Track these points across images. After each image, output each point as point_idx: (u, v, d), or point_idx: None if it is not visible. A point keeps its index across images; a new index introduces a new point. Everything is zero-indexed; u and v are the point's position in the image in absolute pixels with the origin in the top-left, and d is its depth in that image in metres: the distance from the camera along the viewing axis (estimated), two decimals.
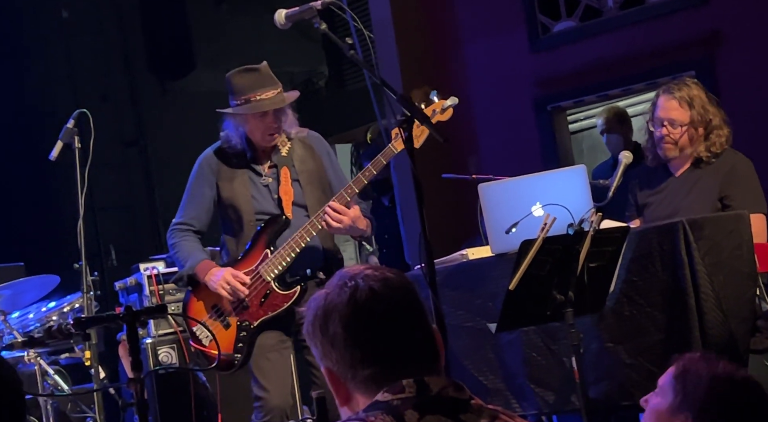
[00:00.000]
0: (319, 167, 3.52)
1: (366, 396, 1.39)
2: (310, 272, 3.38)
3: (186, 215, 3.51)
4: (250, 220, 3.43)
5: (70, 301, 4.13)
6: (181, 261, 3.47)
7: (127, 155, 6.83)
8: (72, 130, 3.81)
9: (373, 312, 1.40)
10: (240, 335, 3.35)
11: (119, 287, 4.52)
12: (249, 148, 3.47)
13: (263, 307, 3.37)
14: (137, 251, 6.30)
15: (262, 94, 3.38)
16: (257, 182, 3.47)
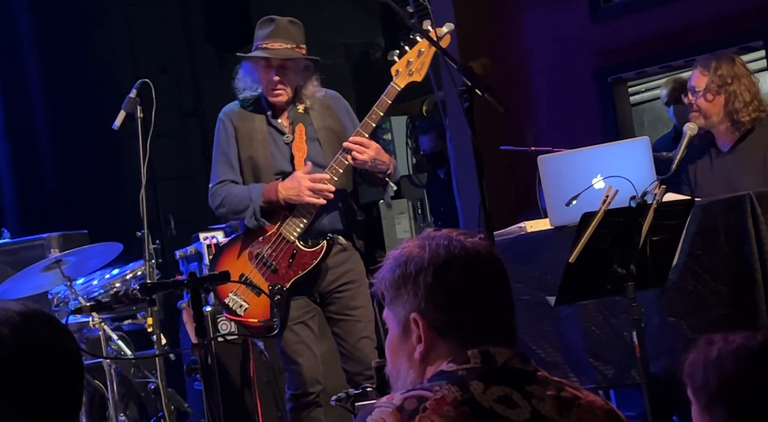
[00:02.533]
0: (338, 125, 3.49)
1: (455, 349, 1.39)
2: (331, 236, 3.37)
3: (221, 174, 3.46)
4: (268, 179, 3.40)
5: (133, 269, 4.22)
6: (241, 204, 3.37)
7: (185, 126, 6.91)
8: (134, 100, 3.86)
9: (488, 270, 1.42)
10: (275, 299, 3.33)
11: (179, 255, 4.59)
12: (266, 102, 3.45)
13: (292, 268, 3.35)
14: (195, 221, 6.40)
15: (269, 44, 3.37)
16: (278, 140, 3.44)
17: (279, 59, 3.36)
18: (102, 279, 4.22)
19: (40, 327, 1.32)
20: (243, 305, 3.35)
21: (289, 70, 3.39)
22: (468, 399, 1.35)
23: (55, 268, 3.83)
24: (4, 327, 1.31)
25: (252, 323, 3.33)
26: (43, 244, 4.64)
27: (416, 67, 3.31)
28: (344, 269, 3.41)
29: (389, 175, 3.39)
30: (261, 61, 3.39)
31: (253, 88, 3.46)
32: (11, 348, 1.30)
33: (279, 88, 3.39)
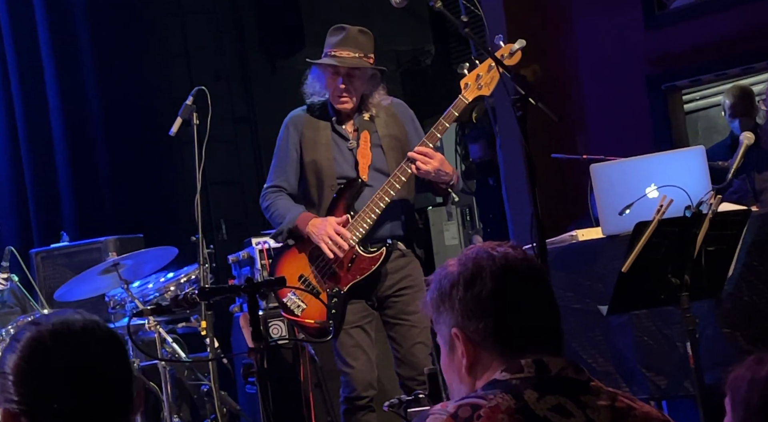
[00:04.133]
0: (402, 133, 3.54)
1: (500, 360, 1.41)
2: (391, 242, 3.41)
3: (276, 178, 3.56)
4: (331, 184, 3.46)
5: (187, 272, 4.29)
6: (278, 219, 3.49)
7: (237, 132, 7.00)
8: (191, 107, 3.94)
9: (524, 277, 1.44)
10: (331, 302, 3.38)
11: (232, 260, 4.66)
12: (332, 109, 3.51)
13: (351, 272, 3.39)
14: (246, 226, 6.48)
15: (338, 52, 3.42)
16: (341, 146, 3.50)
17: (346, 67, 3.41)
18: (157, 283, 4.30)
19: (65, 346, 1.35)
20: (300, 306, 3.41)
21: (355, 79, 3.45)
22: (522, 408, 1.36)
23: (113, 271, 3.92)
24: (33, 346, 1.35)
25: (308, 324, 3.38)
26: (100, 247, 4.75)
27: (485, 81, 3.33)
28: (402, 275, 3.45)
29: (452, 185, 3.43)
30: (329, 69, 3.45)
31: (321, 94, 3.52)
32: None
33: (345, 95, 3.45)
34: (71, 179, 5.74)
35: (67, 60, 5.84)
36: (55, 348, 1.34)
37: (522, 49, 3.31)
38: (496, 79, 3.32)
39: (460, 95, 3.38)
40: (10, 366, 1.34)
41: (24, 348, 1.33)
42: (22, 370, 1.33)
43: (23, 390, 1.33)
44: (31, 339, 1.35)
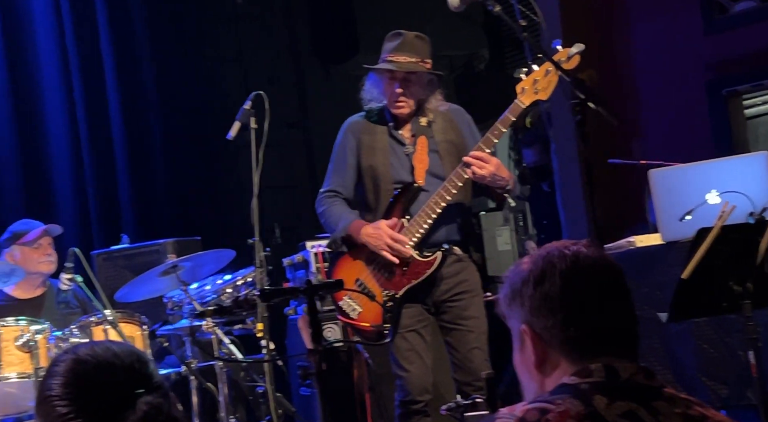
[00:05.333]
0: (459, 138, 3.54)
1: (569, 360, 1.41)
2: (447, 246, 3.41)
3: (332, 183, 3.59)
4: (387, 189, 3.48)
5: (243, 275, 4.34)
6: (332, 225, 3.52)
7: (290, 136, 7.06)
8: (249, 111, 3.99)
9: (595, 277, 1.43)
10: (387, 305, 3.40)
11: (287, 263, 4.70)
12: (389, 114, 3.53)
13: (406, 276, 3.40)
14: (298, 230, 6.53)
15: (395, 57, 3.44)
16: (398, 151, 3.52)
17: (403, 72, 3.43)
18: (214, 285, 4.35)
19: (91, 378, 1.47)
20: (356, 309, 3.43)
21: (412, 84, 3.46)
22: (591, 413, 1.35)
23: (172, 273, 3.98)
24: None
25: (364, 327, 3.40)
26: (158, 249, 4.82)
27: (543, 86, 3.31)
28: (459, 280, 3.45)
29: (508, 190, 3.42)
30: (386, 74, 3.48)
31: (379, 100, 3.55)
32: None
33: (401, 100, 3.47)
34: (130, 183, 5.85)
35: (127, 66, 5.96)
36: (92, 367, 1.47)
37: (580, 52, 3.29)
38: (554, 83, 3.30)
39: (516, 100, 3.36)
40: (54, 388, 1.45)
41: (65, 369, 1.45)
42: (66, 387, 1.44)
43: (69, 401, 1.44)
44: (69, 360, 1.47)
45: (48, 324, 3.59)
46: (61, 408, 1.44)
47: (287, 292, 2.31)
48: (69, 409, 1.43)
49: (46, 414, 1.46)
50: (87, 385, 1.45)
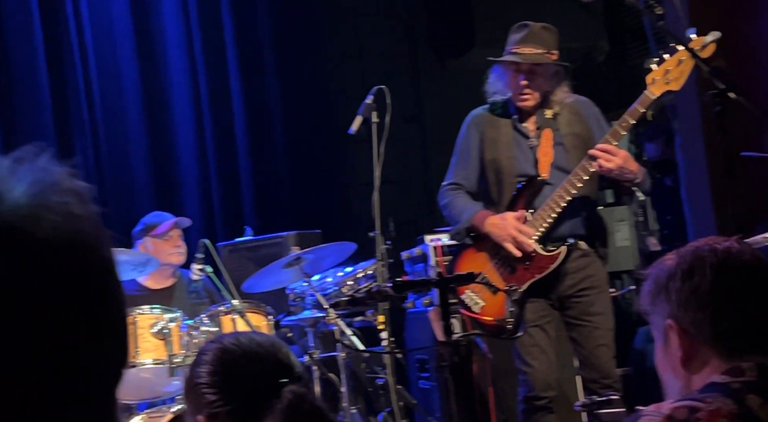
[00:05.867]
0: (586, 131, 3.47)
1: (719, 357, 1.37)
2: (572, 240, 3.35)
3: (456, 175, 3.59)
4: (510, 182, 3.45)
5: (364, 267, 4.40)
6: (455, 217, 3.52)
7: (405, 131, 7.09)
8: (371, 105, 4.04)
9: (748, 272, 1.40)
10: (510, 299, 3.37)
11: (405, 257, 4.73)
12: (513, 107, 3.48)
13: (529, 270, 3.36)
14: (413, 224, 6.56)
15: (520, 49, 3.40)
16: (522, 144, 3.48)
17: (528, 64, 3.41)
18: (335, 277, 4.43)
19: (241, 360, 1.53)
20: (479, 303, 3.42)
21: (537, 75, 3.43)
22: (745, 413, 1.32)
23: (295, 265, 4.07)
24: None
25: (486, 321, 3.39)
26: (281, 242, 4.93)
27: (674, 76, 3.23)
28: (584, 275, 3.40)
29: (637, 184, 3.34)
30: (511, 66, 3.46)
31: (503, 93, 3.53)
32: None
33: (526, 92, 3.44)
34: (252, 178, 6.01)
35: (249, 62, 6.11)
36: (238, 356, 1.56)
37: (715, 41, 3.18)
38: (686, 73, 3.20)
39: (646, 91, 3.28)
40: (202, 376, 1.52)
41: (212, 358, 1.52)
42: (213, 376, 1.51)
43: (217, 389, 1.51)
44: (215, 349, 1.54)
45: (180, 313, 3.73)
46: (210, 396, 1.50)
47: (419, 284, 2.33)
48: (217, 397, 1.50)
49: (195, 402, 1.53)
50: (234, 374, 1.51)
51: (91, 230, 0.66)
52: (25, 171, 0.65)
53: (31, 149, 0.68)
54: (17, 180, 0.64)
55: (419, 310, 4.47)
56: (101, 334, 0.65)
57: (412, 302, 4.55)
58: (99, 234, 0.67)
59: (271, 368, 1.50)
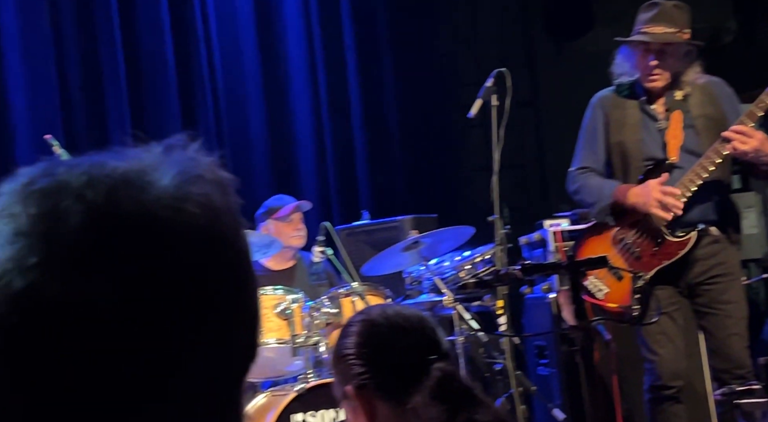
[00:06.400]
0: (719, 113, 3.34)
1: None
2: (703, 226, 3.22)
3: (583, 159, 3.51)
4: (637, 166, 3.35)
5: (482, 252, 4.38)
6: (592, 198, 3.42)
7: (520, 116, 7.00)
8: (491, 88, 4.00)
9: None
10: (635, 286, 3.28)
11: (523, 242, 4.68)
12: (641, 88, 3.39)
13: (656, 256, 3.26)
14: (527, 209, 6.48)
15: (650, 29, 3.28)
16: (650, 126, 3.38)
17: (658, 44, 3.31)
18: (453, 261, 4.42)
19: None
20: (602, 290, 3.34)
21: (668, 55, 3.32)
22: None
23: (413, 249, 4.08)
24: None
25: (611, 308, 3.31)
26: (397, 226, 4.96)
27: None
28: (715, 262, 3.28)
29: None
30: (639, 46, 3.36)
31: (630, 74, 3.44)
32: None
33: (656, 73, 3.34)
34: (368, 162, 6.07)
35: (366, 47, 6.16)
36: (382, 325, 1.56)
37: None
38: None
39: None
40: (349, 347, 1.53)
41: (359, 330, 1.53)
42: (361, 347, 1.52)
43: (364, 362, 1.51)
44: (362, 321, 1.54)
45: (302, 294, 3.80)
46: (357, 368, 1.51)
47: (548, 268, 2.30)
48: (364, 369, 1.50)
49: (342, 372, 1.55)
50: (380, 346, 1.51)
51: (230, 223, 0.66)
52: (173, 160, 0.65)
53: (182, 137, 0.69)
54: (166, 169, 0.64)
55: (538, 296, 4.42)
56: (233, 325, 0.64)
57: (531, 288, 4.50)
58: (237, 227, 0.66)
59: (418, 343, 1.50)
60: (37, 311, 0.58)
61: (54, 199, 0.61)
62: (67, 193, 0.61)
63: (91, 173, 0.63)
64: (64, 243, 0.59)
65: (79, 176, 0.63)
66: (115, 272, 0.59)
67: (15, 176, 0.64)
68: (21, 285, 0.58)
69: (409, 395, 1.46)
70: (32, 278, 0.58)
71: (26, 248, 0.59)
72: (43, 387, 0.58)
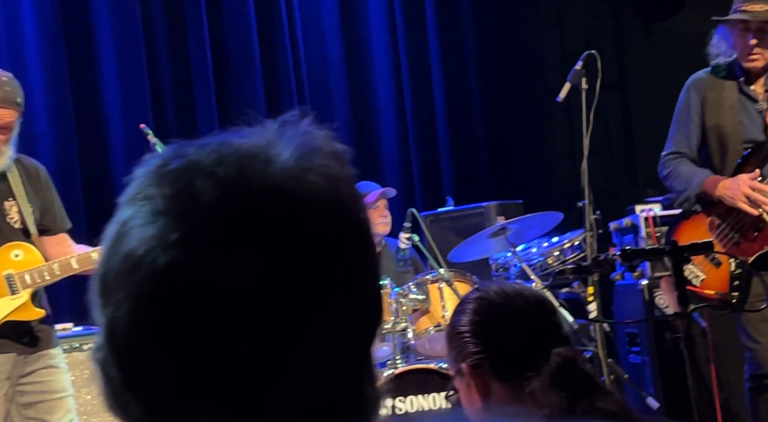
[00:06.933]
0: None
1: None
2: None
3: (676, 143, 3.42)
4: (735, 149, 3.26)
5: (570, 238, 4.30)
6: (681, 185, 3.36)
7: (607, 99, 6.85)
8: (580, 72, 3.92)
9: None
10: (734, 272, 3.18)
11: (613, 227, 4.58)
12: (740, 69, 3.27)
13: (757, 241, 3.17)
14: (613, 195, 6.35)
15: (749, 7, 3.17)
16: (749, 108, 3.27)
17: (758, 22, 3.19)
18: (540, 247, 4.36)
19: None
20: (699, 276, 3.25)
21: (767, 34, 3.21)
22: None
23: (500, 235, 4.04)
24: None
25: (708, 295, 3.22)
26: (482, 212, 4.92)
27: None
28: None
29: None
30: (738, 25, 3.25)
31: (728, 54, 3.33)
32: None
33: (755, 53, 3.23)
34: (451, 148, 6.03)
35: (449, 33, 6.11)
36: (499, 305, 1.50)
37: None
38: None
39: None
40: (465, 325, 1.48)
41: (475, 308, 1.48)
42: (476, 325, 1.47)
43: (480, 341, 1.46)
44: (478, 298, 1.49)
45: (389, 280, 3.80)
46: (472, 346, 1.47)
47: (650, 253, 2.24)
48: (479, 348, 1.46)
49: (457, 349, 1.51)
50: (497, 327, 1.46)
51: (349, 192, 0.68)
52: (290, 135, 0.68)
53: (295, 113, 0.71)
54: (285, 144, 0.66)
55: (629, 282, 4.32)
56: (360, 289, 0.66)
57: (621, 275, 4.40)
58: (356, 195, 0.69)
59: (536, 325, 1.44)
60: (184, 285, 0.61)
61: (187, 178, 0.64)
62: (200, 171, 0.64)
63: (220, 151, 0.66)
64: (201, 219, 0.62)
65: (209, 155, 0.65)
66: (253, 245, 0.62)
67: (146, 161, 0.67)
68: (165, 261, 0.61)
69: (526, 378, 1.42)
70: (175, 254, 0.61)
71: (167, 226, 0.62)
72: (193, 355, 0.61)
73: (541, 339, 1.43)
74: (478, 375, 1.47)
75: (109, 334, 0.63)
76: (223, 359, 0.61)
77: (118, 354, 0.63)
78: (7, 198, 2.99)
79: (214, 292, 0.60)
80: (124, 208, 0.65)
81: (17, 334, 2.94)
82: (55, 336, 3.12)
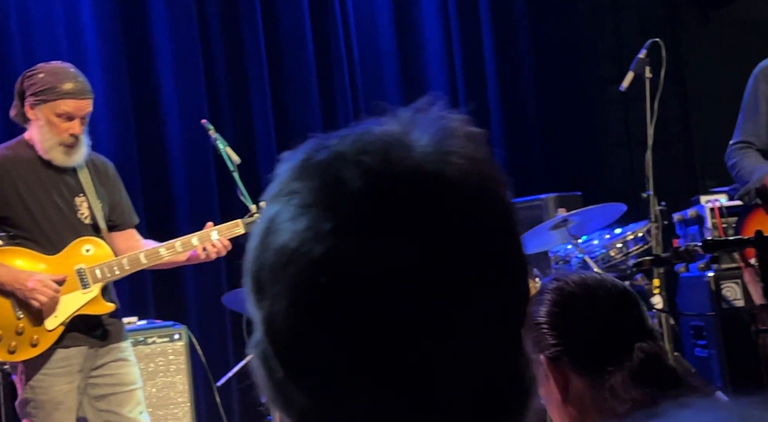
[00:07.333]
0: None
1: None
2: None
3: (743, 133, 3.36)
4: None
5: (633, 230, 4.24)
6: (744, 177, 3.31)
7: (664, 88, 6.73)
8: (644, 60, 3.86)
9: None
10: None
11: (677, 219, 4.50)
12: None
13: None
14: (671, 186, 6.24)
15: None
16: None
17: None
18: (602, 239, 4.30)
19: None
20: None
21: None
22: None
23: (562, 227, 3.99)
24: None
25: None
26: (541, 205, 4.86)
27: None
28: None
29: None
30: None
31: None
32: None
33: None
34: (505, 140, 5.97)
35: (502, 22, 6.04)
36: (579, 296, 1.43)
37: None
38: None
39: None
40: (542, 316, 1.43)
41: (554, 298, 1.43)
42: (555, 317, 1.42)
43: (558, 333, 1.41)
44: (557, 289, 1.43)
45: None
46: (550, 338, 1.42)
47: (734, 243, 2.18)
48: (557, 341, 1.41)
49: (536, 340, 1.46)
50: (577, 319, 1.40)
51: (493, 173, 0.67)
52: (425, 120, 0.68)
53: (427, 98, 0.71)
54: (422, 130, 0.67)
55: (694, 275, 4.24)
56: (509, 271, 0.65)
57: (686, 267, 4.32)
58: (497, 175, 0.68)
59: (618, 319, 1.38)
60: (343, 272, 0.61)
61: (334, 168, 0.64)
62: (345, 161, 0.65)
63: (363, 140, 0.66)
64: (352, 207, 0.62)
65: (352, 145, 0.66)
66: (404, 227, 0.62)
67: (287, 157, 0.67)
68: (321, 250, 0.61)
69: (607, 373, 1.37)
70: (330, 242, 0.61)
71: (318, 217, 0.62)
72: (358, 340, 0.61)
73: (623, 333, 1.37)
74: (556, 367, 1.43)
75: (268, 328, 0.63)
76: (387, 343, 0.61)
77: (279, 347, 0.63)
78: (78, 194, 3.02)
79: (373, 276, 0.61)
80: (268, 206, 0.65)
81: (88, 327, 2.98)
82: (125, 329, 3.14)
